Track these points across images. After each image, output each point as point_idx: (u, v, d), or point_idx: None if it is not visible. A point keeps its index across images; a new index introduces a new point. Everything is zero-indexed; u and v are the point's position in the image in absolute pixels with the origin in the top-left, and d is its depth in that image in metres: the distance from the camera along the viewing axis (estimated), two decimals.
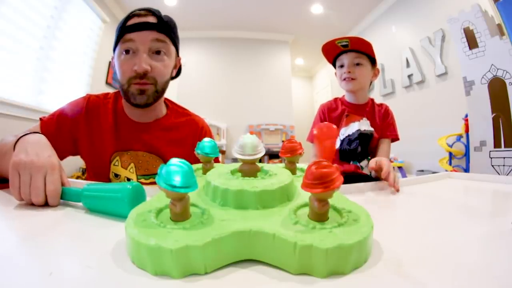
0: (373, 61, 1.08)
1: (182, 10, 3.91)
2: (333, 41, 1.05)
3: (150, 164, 0.76)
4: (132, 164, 0.75)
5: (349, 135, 1.07)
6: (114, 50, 0.72)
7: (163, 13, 0.72)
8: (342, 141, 1.08)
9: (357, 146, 1.04)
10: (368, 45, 1.04)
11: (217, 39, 4.86)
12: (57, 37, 2.63)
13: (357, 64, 1.05)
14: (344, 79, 1.07)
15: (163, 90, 0.74)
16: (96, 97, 0.78)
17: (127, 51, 0.68)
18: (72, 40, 2.88)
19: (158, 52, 0.70)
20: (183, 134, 0.81)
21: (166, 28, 0.70)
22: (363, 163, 1.05)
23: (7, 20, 2.04)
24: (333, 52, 1.10)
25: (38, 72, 2.42)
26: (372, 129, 1.07)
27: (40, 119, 0.73)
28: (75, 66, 3.00)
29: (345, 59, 1.07)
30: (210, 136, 0.86)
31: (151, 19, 0.68)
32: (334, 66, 1.15)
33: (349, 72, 1.05)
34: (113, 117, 0.76)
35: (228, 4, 3.95)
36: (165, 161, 0.76)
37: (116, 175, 0.74)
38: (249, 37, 4.99)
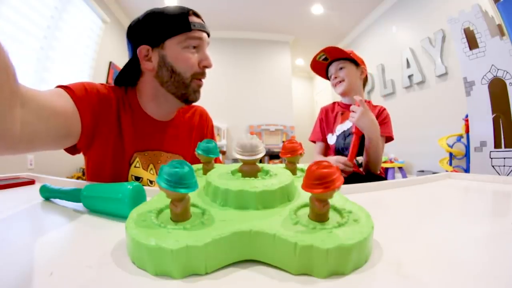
0: (355, 63, 1.15)
1: None
2: (314, 58, 1.17)
3: None
4: (151, 165, 0.71)
5: (344, 131, 1.11)
6: (160, 38, 0.67)
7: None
8: (338, 137, 1.12)
9: (351, 141, 1.06)
10: (341, 51, 1.12)
11: (218, 40, 4.87)
12: (58, 38, 2.64)
13: (341, 68, 1.14)
14: (335, 85, 1.17)
15: None
16: (120, 90, 0.72)
17: (194, 47, 0.69)
18: (72, 41, 2.89)
19: None
20: (193, 127, 0.83)
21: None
22: (359, 158, 1.07)
23: (7, 20, 2.04)
24: (322, 68, 1.20)
25: (38, 72, 2.43)
26: None
27: (63, 86, 0.60)
28: (75, 67, 3.01)
29: (331, 69, 1.17)
30: (212, 126, 0.91)
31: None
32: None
33: (336, 77, 1.15)
34: (130, 114, 0.71)
35: (229, 4, 3.96)
36: (183, 157, 0.77)
37: (137, 178, 0.69)
38: (250, 37, 5.00)
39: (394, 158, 3.46)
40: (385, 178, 1.11)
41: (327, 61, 1.16)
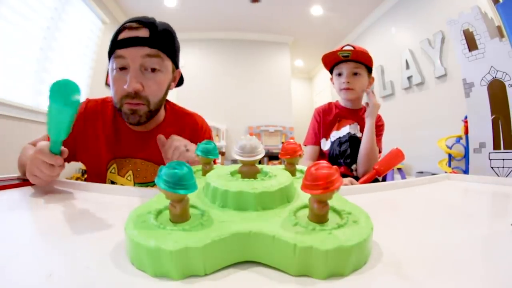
0: (369, 70, 1.10)
1: (181, 11, 3.91)
2: (335, 52, 1.07)
3: (149, 173, 0.73)
4: (130, 172, 0.73)
5: (339, 137, 1.10)
6: (109, 60, 0.68)
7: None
8: (332, 143, 1.10)
9: (347, 148, 1.06)
10: (368, 57, 1.06)
11: (217, 40, 4.87)
12: (57, 38, 2.64)
13: (355, 74, 1.07)
14: (343, 89, 1.09)
15: (158, 109, 0.70)
16: (95, 102, 0.76)
17: (120, 68, 0.64)
18: (71, 41, 2.88)
19: (152, 69, 0.65)
20: (183, 136, 0.77)
21: (160, 42, 0.64)
22: (354, 167, 1.07)
23: (7, 21, 2.04)
24: (332, 60, 1.12)
25: (37, 73, 2.42)
26: (361, 134, 1.09)
27: None
28: (74, 67, 3.00)
29: (344, 68, 1.08)
30: (210, 136, 0.85)
31: (143, 33, 0.62)
32: (331, 72, 1.17)
33: (348, 82, 1.07)
34: (112, 123, 0.73)
35: (228, 5, 3.96)
36: None
37: (113, 182, 0.72)
38: (249, 38, 5.00)
39: None
40: (379, 180, 1.11)
41: (345, 59, 1.07)
